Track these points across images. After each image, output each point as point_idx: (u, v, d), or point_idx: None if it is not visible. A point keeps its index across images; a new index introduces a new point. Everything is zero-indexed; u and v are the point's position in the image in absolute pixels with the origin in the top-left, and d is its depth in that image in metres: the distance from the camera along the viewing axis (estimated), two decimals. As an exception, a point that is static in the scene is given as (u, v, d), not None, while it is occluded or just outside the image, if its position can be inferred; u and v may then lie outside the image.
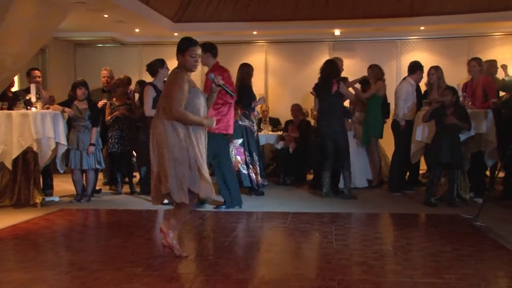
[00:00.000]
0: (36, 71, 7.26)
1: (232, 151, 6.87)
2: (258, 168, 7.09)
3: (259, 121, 9.09)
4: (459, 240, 4.71)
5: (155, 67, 6.50)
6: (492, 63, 7.71)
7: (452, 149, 6.13)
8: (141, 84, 7.37)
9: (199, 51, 4.13)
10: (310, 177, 8.66)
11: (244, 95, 6.95)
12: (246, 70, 7.15)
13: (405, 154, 7.14)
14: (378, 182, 7.84)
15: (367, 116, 7.72)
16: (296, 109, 8.64)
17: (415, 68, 7.31)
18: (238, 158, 6.97)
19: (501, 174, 6.71)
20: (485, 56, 8.41)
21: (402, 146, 7.18)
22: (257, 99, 7.31)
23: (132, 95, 7.79)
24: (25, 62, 7.32)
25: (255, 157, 7.05)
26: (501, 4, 8.63)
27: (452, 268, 3.87)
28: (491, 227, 5.17)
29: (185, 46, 4.08)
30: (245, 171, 7.00)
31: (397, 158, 7.25)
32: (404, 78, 7.48)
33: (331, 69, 7.01)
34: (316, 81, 7.20)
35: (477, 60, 7.16)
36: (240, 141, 6.99)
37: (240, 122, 6.94)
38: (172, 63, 7.19)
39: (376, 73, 7.81)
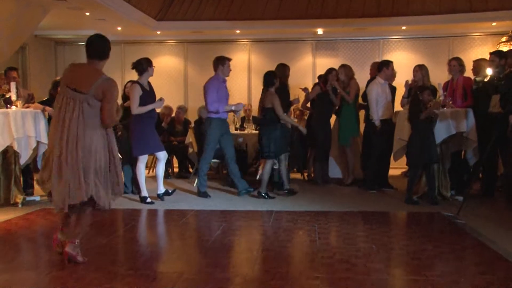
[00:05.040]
0: (13, 72, 7.05)
1: None
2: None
3: (243, 120, 9.15)
4: (440, 237, 4.77)
5: (145, 65, 6.50)
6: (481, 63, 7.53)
7: (429, 148, 6.19)
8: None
9: None
10: (292, 175, 8.68)
11: (282, 95, 7.18)
12: (282, 69, 7.43)
13: (383, 153, 7.22)
14: (353, 180, 7.89)
15: (346, 116, 7.79)
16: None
17: (381, 65, 7.44)
18: None
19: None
20: (465, 56, 8.50)
21: (379, 145, 7.24)
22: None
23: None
24: (4, 61, 7.20)
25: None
26: (481, 5, 8.76)
27: (433, 265, 3.92)
28: (472, 225, 5.25)
29: None
30: (276, 167, 7.16)
31: (374, 157, 7.31)
32: (374, 78, 7.57)
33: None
34: (300, 80, 7.34)
35: (458, 59, 7.21)
36: None
37: None
38: (155, 62, 7.21)
39: (347, 72, 7.87)
